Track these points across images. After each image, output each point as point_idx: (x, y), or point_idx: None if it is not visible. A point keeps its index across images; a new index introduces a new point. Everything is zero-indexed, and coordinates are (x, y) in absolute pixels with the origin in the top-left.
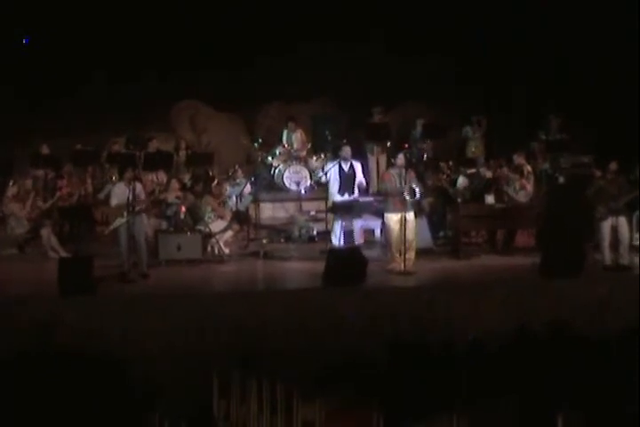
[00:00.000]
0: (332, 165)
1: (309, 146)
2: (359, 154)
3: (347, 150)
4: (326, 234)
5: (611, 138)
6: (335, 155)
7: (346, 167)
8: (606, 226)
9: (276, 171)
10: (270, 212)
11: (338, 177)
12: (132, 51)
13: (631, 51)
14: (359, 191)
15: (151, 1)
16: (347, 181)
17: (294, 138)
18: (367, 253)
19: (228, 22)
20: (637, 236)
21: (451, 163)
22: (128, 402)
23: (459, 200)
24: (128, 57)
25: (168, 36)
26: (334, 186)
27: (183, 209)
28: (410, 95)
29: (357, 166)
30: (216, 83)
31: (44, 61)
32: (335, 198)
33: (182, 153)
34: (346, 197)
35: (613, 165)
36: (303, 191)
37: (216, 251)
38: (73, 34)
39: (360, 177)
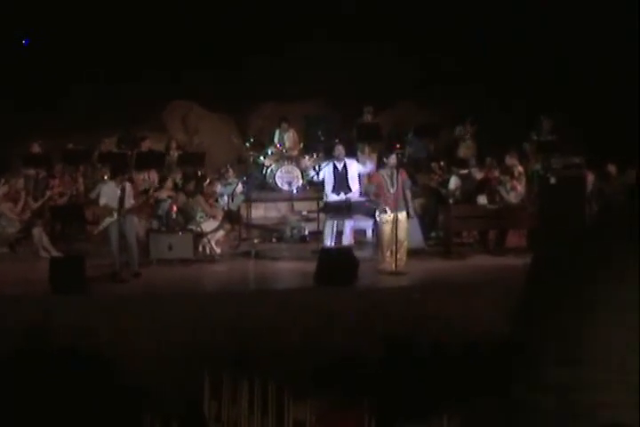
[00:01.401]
0: (325, 164)
1: (301, 146)
2: (351, 154)
3: (340, 150)
4: (318, 234)
5: (605, 139)
6: (327, 155)
7: (339, 167)
8: None
9: (268, 171)
10: (262, 211)
11: (332, 177)
12: (125, 51)
13: (631, 51)
14: (360, 189)
15: (147, 1)
16: (340, 181)
17: (286, 138)
18: (358, 253)
19: (220, 23)
20: None
21: (442, 163)
22: (118, 402)
23: (450, 201)
24: (121, 57)
25: (162, 37)
26: (329, 186)
27: (175, 208)
28: (402, 96)
29: (351, 165)
30: (208, 83)
31: (36, 61)
32: (330, 198)
33: (174, 153)
34: (341, 196)
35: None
36: (295, 191)
37: (207, 250)
38: (67, 34)
39: (353, 175)
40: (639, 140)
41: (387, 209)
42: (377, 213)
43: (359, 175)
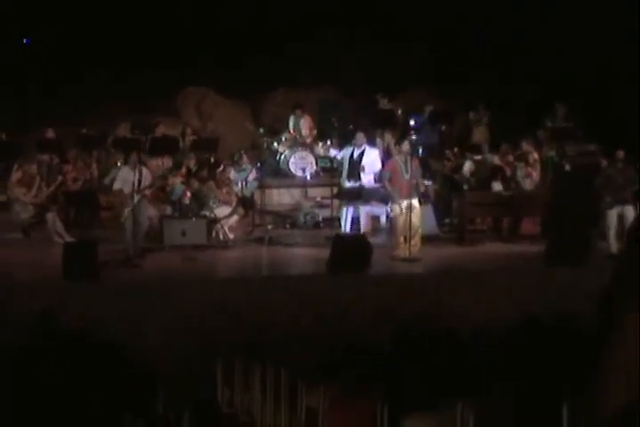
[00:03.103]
0: (345, 150)
1: (315, 132)
2: (367, 140)
3: (360, 137)
4: (331, 220)
5: (618, 127)
6: (342, 141)
7: (356, 154)
8: (613, 214)
9: (282, 157)
10: (276, 198)
11: (347, 163)
12: (140, 36)
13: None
14: (373, 176)
15: None
16: (354, 168)
17: (301, 124)
18: (372, 239)
19: (237, 8)
20: None
21: (456, 149)
22: (131, 389)
23: (465, 187)
24: (136, 42)
25: (177, 22)
26: (344, 172)
27: (188, 194)
28: (414, 82)
29: (370, 153)
30: (222, 69)
31: (50, 46)
32: (344, 184)
33: (188, 138)
34: (352, 183)
35: (620, 154)
36: (309, 177)
37: (221, 236)
38: (81, 19)
39: (369, 162)
40: None
41: (401, 195)
42: (391, 200)
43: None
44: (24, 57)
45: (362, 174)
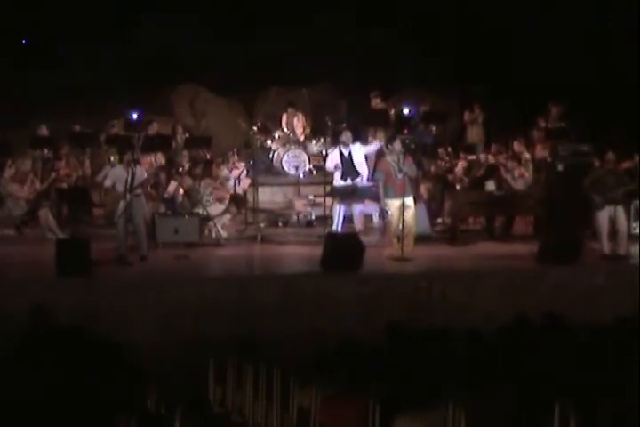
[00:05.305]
0: (331, 150)
1: (309, 130)
2: (359, 139)
3: (347, 135)
4: (324, 219)
5: (610, 127)
6: (335, 139)
7: (345, 153)
8: (604, 215)
9: (275, 155)
10: (268, 196)
11: (340, 163)
12: (132, 33)
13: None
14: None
15: None
16: (347, 167)
17: (294, 122)
18: (365, 238)
19: (230, 5)
20: (635, 225)
21: (450, 149)
22: (123, 386)
23: (457, 187)
24: (128, 39)
25: (171, 17)
26: (338, 172)
27: (181, 192)
28: (410, 81)
29: (357, 150)
30: (216, 67)
31: (43, 43)
32: (336, 183)
33: (180, 136)
34: (348, 182)
35: (610, 155)
36: (302, 176)
37: (213, 234)
38: (73, 15)
39: (358, 161)
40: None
41: (395, 194)
42: (385, 199)
43: (366, 158)
44: (18, 55)
45: (360, 171)
